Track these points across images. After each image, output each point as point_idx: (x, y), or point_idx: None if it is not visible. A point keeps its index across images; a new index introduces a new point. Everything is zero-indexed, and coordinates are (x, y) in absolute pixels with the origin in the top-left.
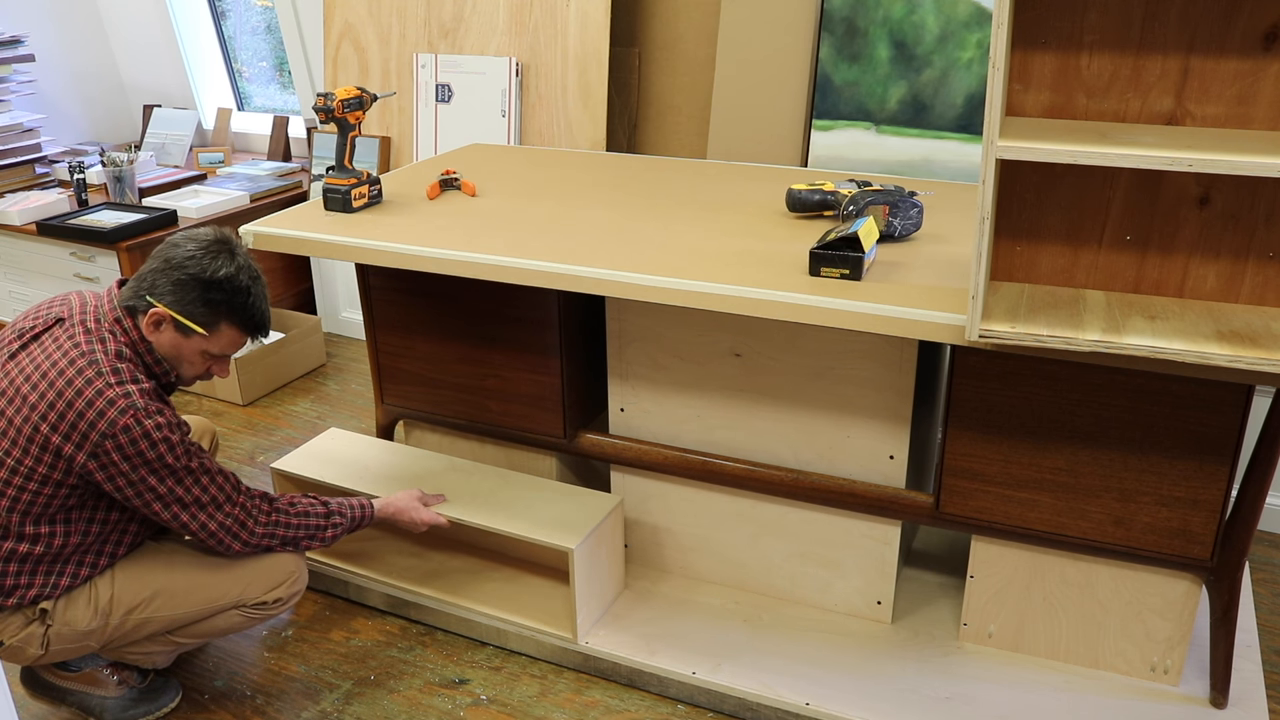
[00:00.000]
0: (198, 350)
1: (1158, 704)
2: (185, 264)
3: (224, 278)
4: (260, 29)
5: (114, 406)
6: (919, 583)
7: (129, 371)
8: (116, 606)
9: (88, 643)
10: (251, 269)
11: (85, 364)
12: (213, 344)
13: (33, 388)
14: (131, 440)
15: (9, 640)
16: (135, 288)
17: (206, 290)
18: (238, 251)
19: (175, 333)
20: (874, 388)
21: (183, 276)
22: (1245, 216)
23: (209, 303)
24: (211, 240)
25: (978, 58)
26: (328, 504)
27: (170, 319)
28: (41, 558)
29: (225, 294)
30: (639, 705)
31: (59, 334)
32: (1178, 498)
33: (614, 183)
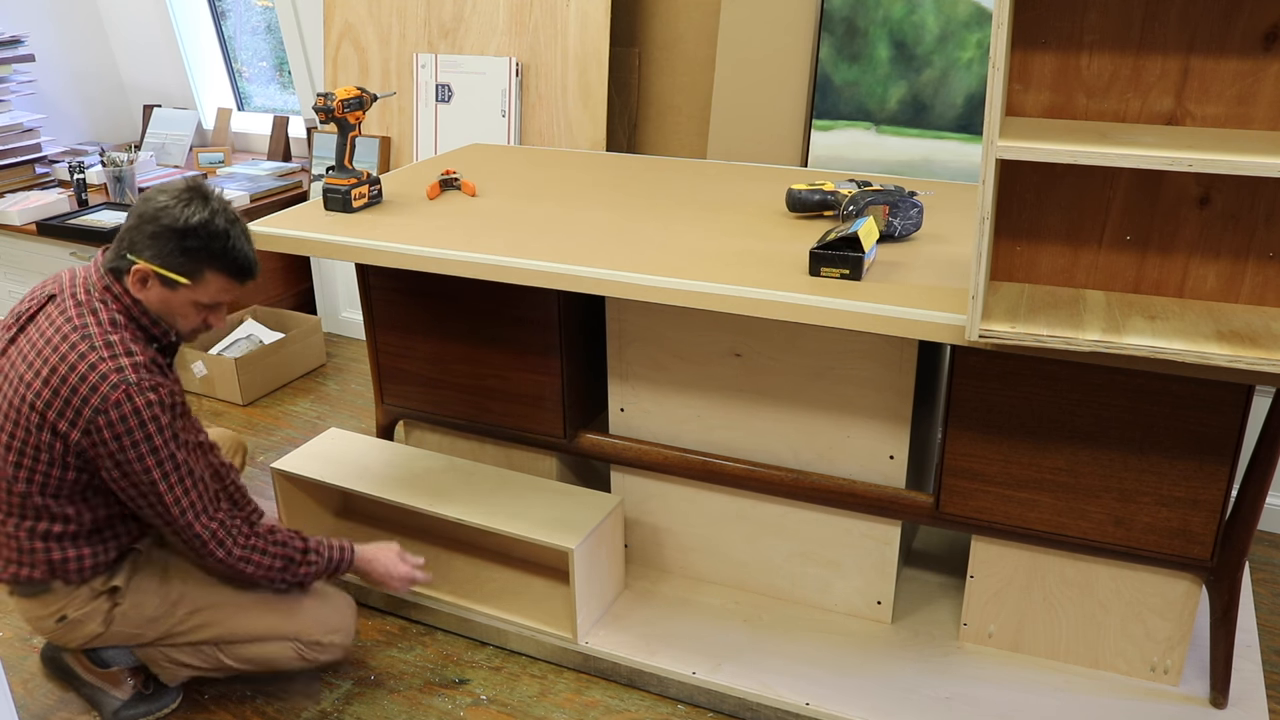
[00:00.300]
0: (188, 302)
1: (1158, 704)
2: (158, 215)
3: (198, 223)
4: (260, 29)
5: (106, 381)
6: (919, 583)
7: (122, 343)
8: (185, 602)
9: (146, 631)
10: (228, 212)
11: (78, 338)
12: (201, 293)
13: (29, 366)
14: (122, 417)
15: (73, 614)
16: (116, 249)
17: (183, 239)
18: (211, 196)
19: (162, 287)
20: (874, 388)
21: (157, 229)
22: (1245, 216)
23: (187, 251)
24: (183, 188)
25: (978, 58)
26: (306, 540)
27: (153, 274)
28: (79, 534)
29: (202, 239)
30: (639, 705)
31: (51, 311)
32: (1178, 498)
33: (614, 183)
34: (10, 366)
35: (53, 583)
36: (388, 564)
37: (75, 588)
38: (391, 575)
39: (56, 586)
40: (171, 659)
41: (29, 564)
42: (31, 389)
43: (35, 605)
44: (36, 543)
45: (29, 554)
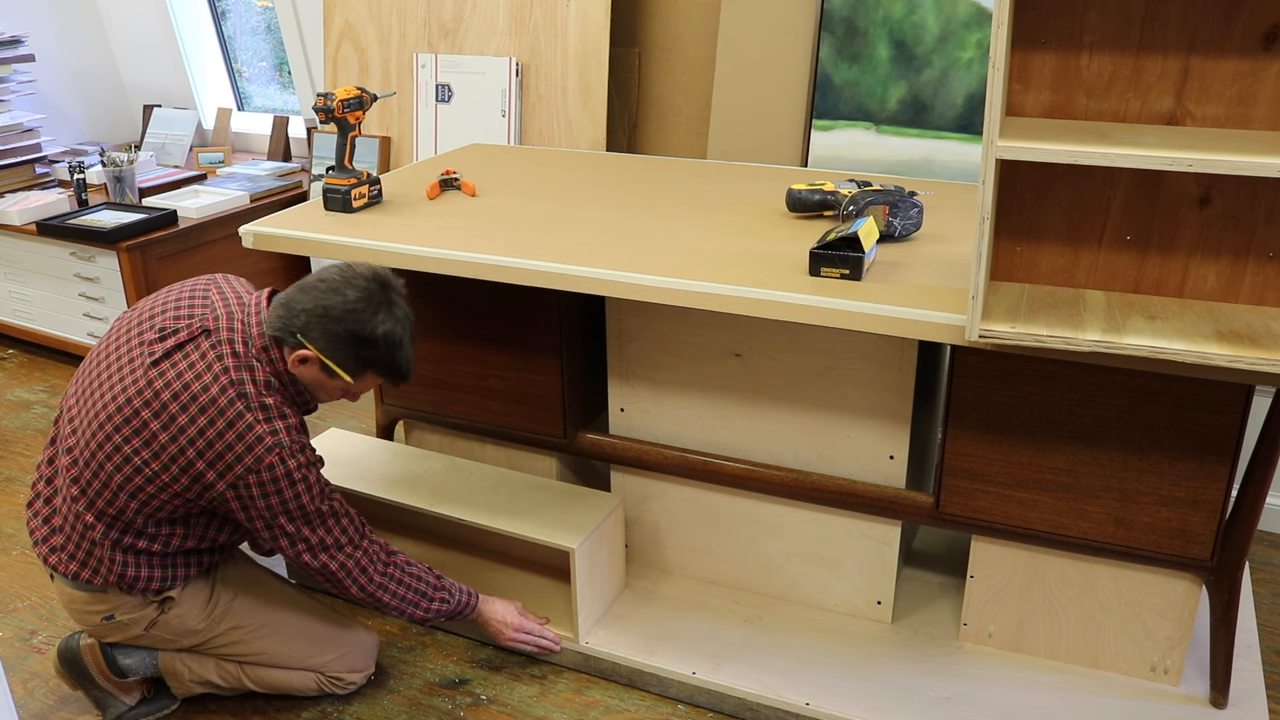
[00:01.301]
0: (339, 388)
1: (1158, 704)
2: (344, 318)
3: (382, 335)
4: (260, 29)
5: (261, 443)
6: (919, 583)
7: (277, 406)
8: (227, 618)
9: (182, 640)
10: (407, 317)
11: (235, 395)
12: (355, 386)
13: (182, 409)
14: (274, 479)
15: (120, 616)
16: (286, 321)
17: (362, 347)
18: (396, 301)
19: (320, 372)
20: (874, 388)
21: (341, 331)
22: (1245, 216)
23: (362, 358)
24: (373, 288)
25: (978, 58)
26: (441, 578)
27: (318, 360)
28: (159, 554)
29: (380, 351)
30: (639, 705)
31: (206, 350)
32: (1178, 498)
33: (614, 183)
34: (155, 395)
35: (110, 589)
36: (504, 614)
37: (130, 595)
38: (506, 624)
39: (112, 592)
40: (194, 675)
41: (96, 570)
42: (185, 434)
43: (85, 599)
44: (116, 554)
45: (101, 562)
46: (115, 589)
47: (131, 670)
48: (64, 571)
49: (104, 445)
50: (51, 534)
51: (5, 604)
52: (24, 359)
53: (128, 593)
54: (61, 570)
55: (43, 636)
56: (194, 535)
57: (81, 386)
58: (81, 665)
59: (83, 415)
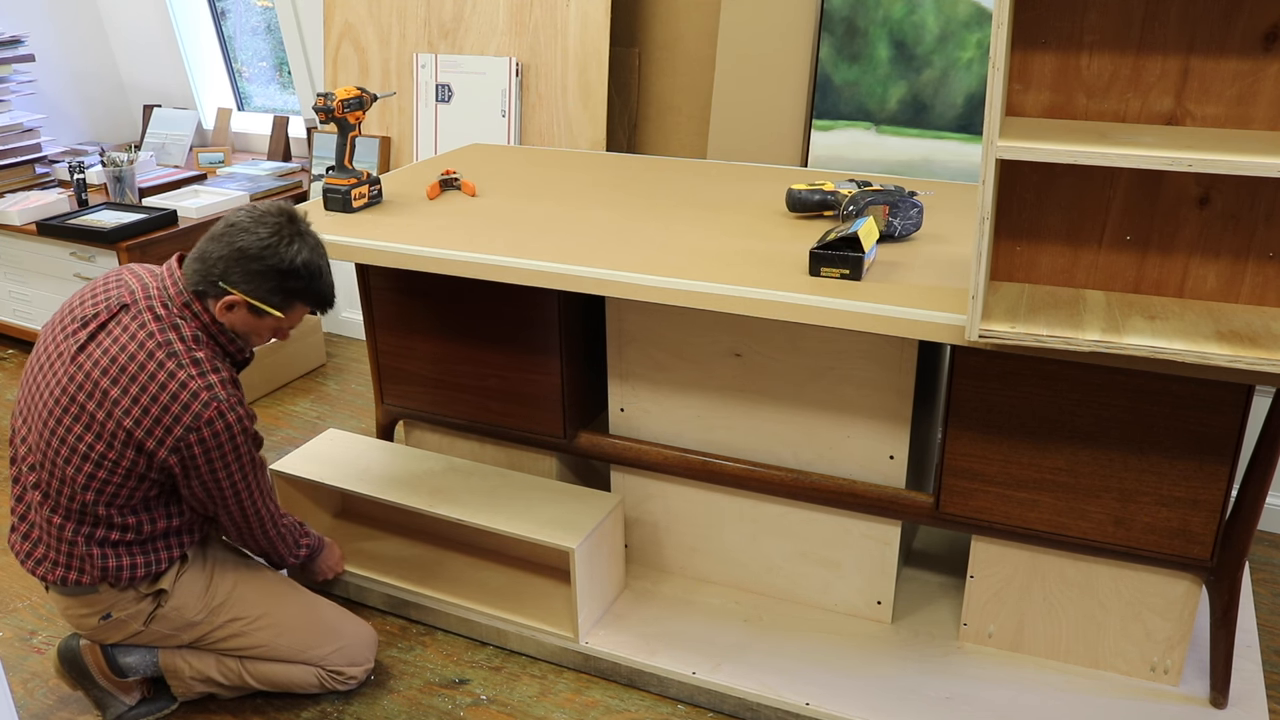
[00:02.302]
0: (269, 327)
1: (1158, 704)
2: (262, 254)
3: (302, 264)
4: (260, 29)
5: (197, 400)
6: (919, 583)
7: (209, 360)
8: (225, 610)
9: (181, 634)
10: (320, 244)
11: (164, 356)
12: (285, 321)
13: (113, 382)
14: (215, 434)
15: (117, 613)
16: (204, 272)
17: (285, 279)
18: (307, 230)
19: (248, 314)
20: (874, 388)
21: (260, 268)
22: (1245, 216)
23: (285, 290)
24: (281, 221)
25: (978, 58)
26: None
27: (244, 303)
28: (134, 541)
29: (304, 279)
30: (639, 705)
31: (128, 322)
32: (1178, 498)
33: (614, 183)
34: (85, 377)
35: (101, 586)
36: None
37: (122, 591)
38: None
39: (104, 589)
40: (195, 672)
41: (81, 569)
42: (120, 406)
43: (79, 604)
44: (93, 549)
45: (83, 560)
46: (105, 585)
47: (132, 669)
48: (53, 579)
49: (52, 443)
50: (33, 548)
51: (5, 604)
52: (24, 359)
53: (116, 586)
54: (51, 579)
55: (43, 636)
56: (161, 517)
57: (24, 398)
58: (82, 665)
59: (30, 424)
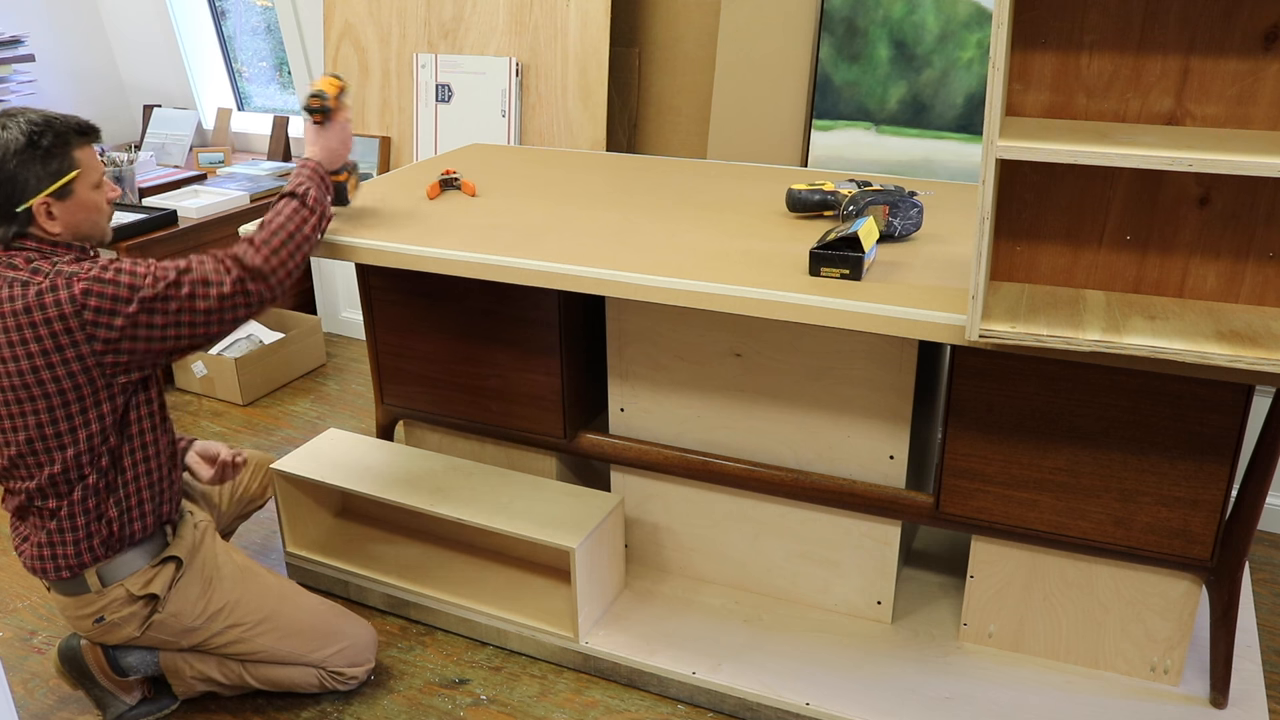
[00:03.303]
0: (86, 191)
1: (1158, 704)
2: (7, 149)
3: (28, 124)
4: (260, 29)
5: (56, 291)
6: (919, 583)
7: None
8: (224, 616)
9: (180, 640)
10: (20, 107)
11: (15, 292)
12: (87, 173)
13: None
14: (101, 293)
15: (110, 617)
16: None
17: (33, 147)
18: (10, 109)
19: (62, 202)
20: (874, 388)
21: (15, 161)
22: (1245, 216)
23: (49, 151)
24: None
25: (978, 58)
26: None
27: (49, 199)
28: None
29: (48, 132)
30: (639, 705)
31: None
32: (1178, 498)
33: (614, 183)
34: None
35: (87, 574)
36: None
37: (112, 589)
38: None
39: (94, 587)
40: (196, 672)
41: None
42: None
43: (74, 604)
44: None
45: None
46: (94, 577)
47: (133, 669)
48: (38, 572)
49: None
50: (18, 544)
51: (5, 604)
52: None
53: (104, 575)
54: (37, 572)
55: (43, 636)
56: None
57: None
58: (82, 664)
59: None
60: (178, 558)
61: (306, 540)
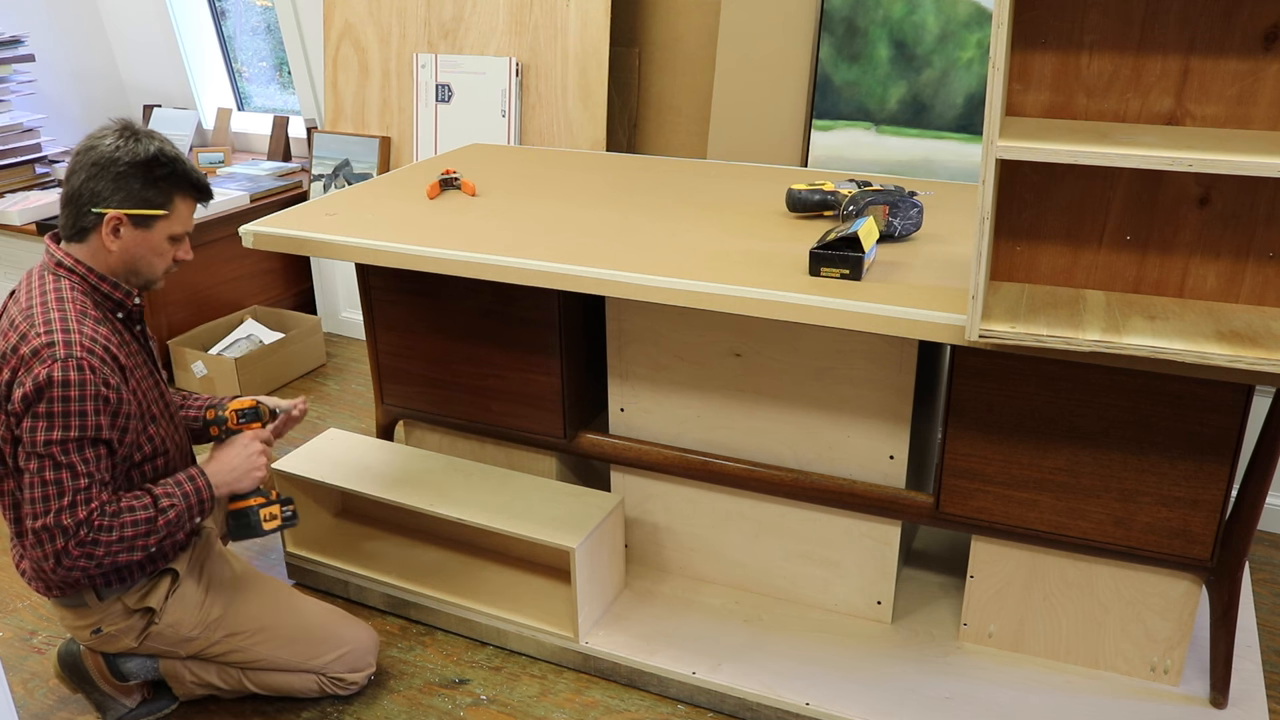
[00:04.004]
0: (163, 237)
1: (1158, 704)
2: (115, 156)
3: (157, 152)
4: (260, 29)
5: (37, 356)
6: (919, 583)
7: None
8: (222, 626)
9: (179, 649)
10: (168, 140)
11: (21, 320)
12: (175, 223)
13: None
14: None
15: (107, 628)
16: (74, 210)
17: (150, 170)
18: (148, 130)
19: (135, 229)
20: (874, 388)
21: (121, 169)
22: (1245, 216)
23: (157, 181)
24: (120, 128)
25: (978, 58)
26: (152, 491)
27: (126, 218)
28: None
29: (168, 166)
30: (639, 705)
31: (8, 305)
32: (1178, 498)
33: (614, 183)
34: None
35: (85, 595)
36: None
37: (111, 603)
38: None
39: (90, 601)
40: (196, 677)
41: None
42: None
43: (72, 615)
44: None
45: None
46: (90, 593)
47: (133, 674)
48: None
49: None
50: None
51: (5, 604)
52: None
53: (101, 595)
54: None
55: (43, 636)
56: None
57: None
58: (82, 669)
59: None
60: (174, 570)
61: (306, 540)
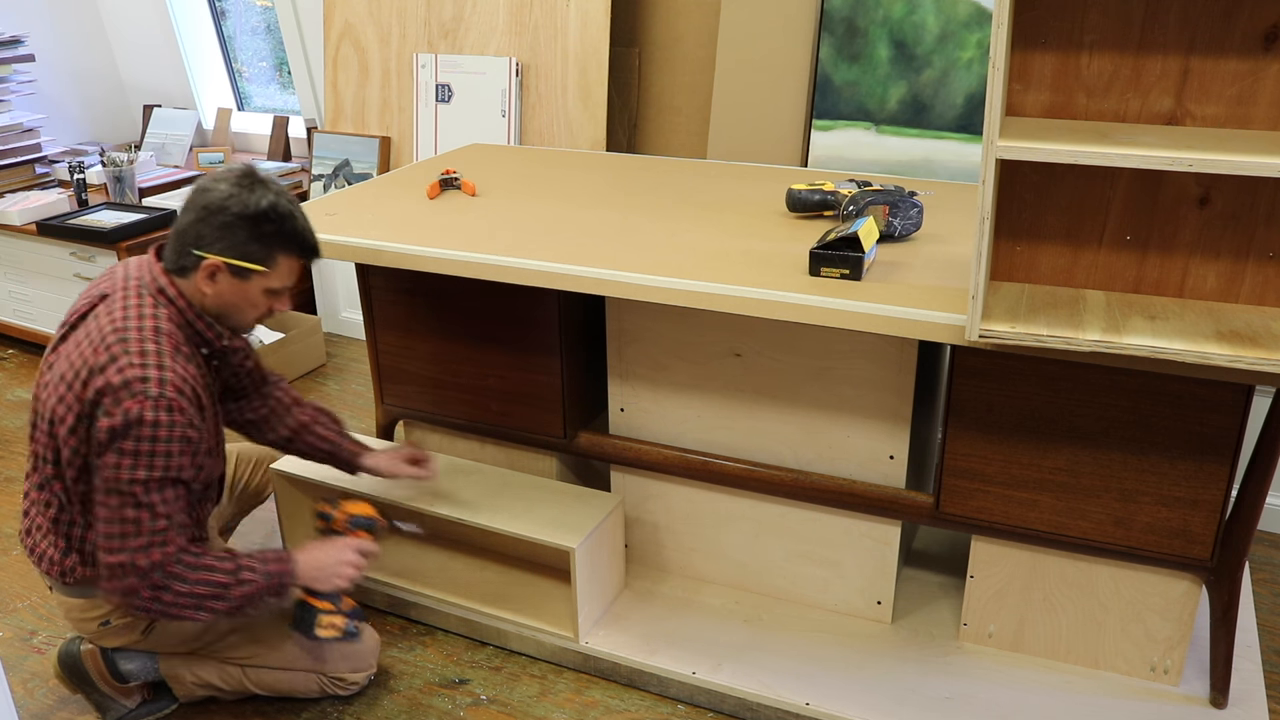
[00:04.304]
0: (260, 290)
1: (1158, 704)
2: (226, 204)
3: (268, 207)
4: (260, 29)
5: (128, 388)
6: (919, 583)
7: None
8: (223, 621)
9: (180, 647)
10: (285, 191)
11: (114, 340)
12: (273, 278)
13: (69, 365)
14: (127, 424)
15: (115, 620)
16: (178, 247)
17: (256, 225)
18: (269, 180)
19: (233, 279)
20: (874, 388)
21: (228, 219)
22: (1245, 216)
23: (262, 237)
24: (240, 175)
25: (978, 58)
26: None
27: (225, 266)
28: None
29: (275, 223)
30: (639, 705)
31: (100, 312)
32: (1178, 498)
33: (614, 183)
34: (55, 369)
35: (99, 589)
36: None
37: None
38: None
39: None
40: (196, 677)
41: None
42: (73, 391)
43: (80, 606)
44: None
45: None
46: (88, 588)
47: (133, 675)
48: (53, 575)
49: (49, 443)
50: (35, 544)
51: (5, 604)
52: (24, 359)
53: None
54: (51, 575)
55: (43, 636)
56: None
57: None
58: (82, 670)
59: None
60: None
61: (306, 540)
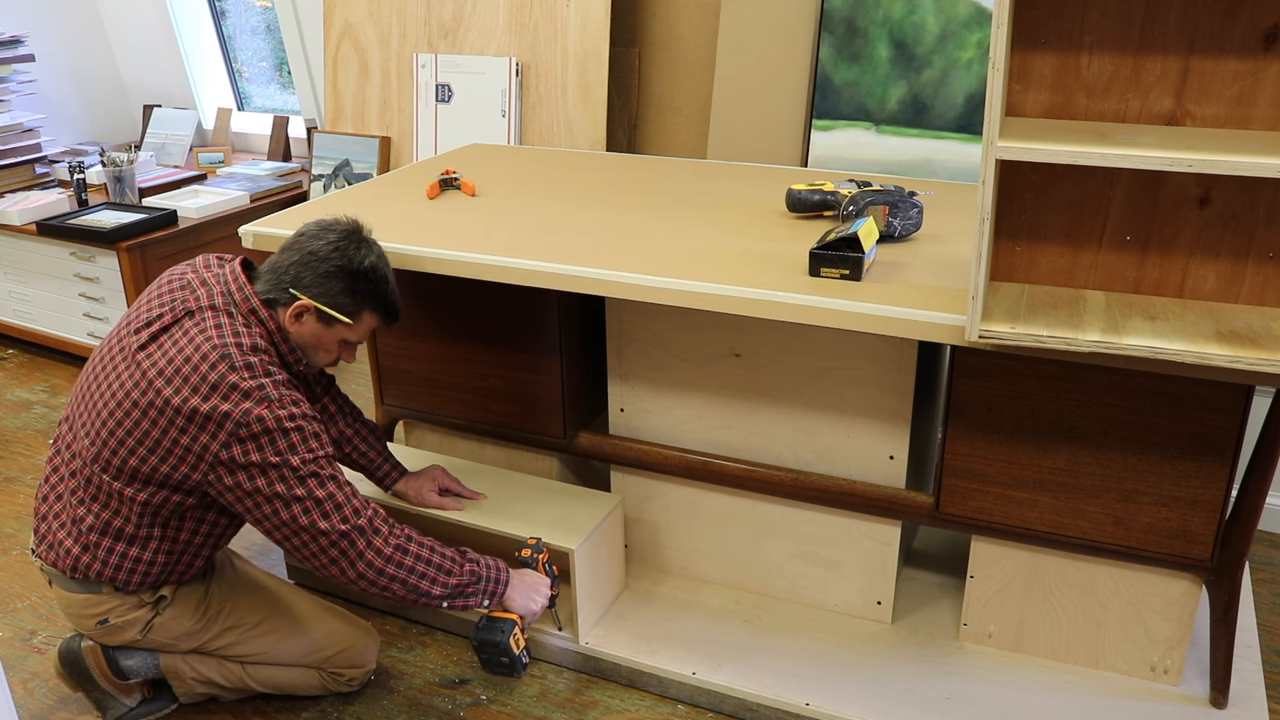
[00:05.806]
0: (337, 339)
1: (1158, 704)
2: (331, 256)
3: (369, 267)
4: (260, 29)
5: (249, 399)
6: (919, 583)
7: (262, 365)
8: (223, 618)
9: (179, 643)
10: (385, 255)
11: (218, 358)
12: (353, 332)
13: (167, 382)
14: (265, 430)
15: (114, 619)
16: (275, 280)
17: (354, 281)
18: (372, 241)
19: (317, 323)
20: (874, 388)
21: (330, 269)
22: (1245, 216)
23: (356, 293)
24: (349, 231)
25: (978, 58)
26: (464, 551)
27: (314, 310)
28: (154, 560)
29: (372, 283)
30: (639, 705)
31: (190, 328)
32: (1178, 498)
33: (614, 183)
34: (143, 376)
35: (104, 587)
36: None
37: (125, 595)
38: (531, 604)
39: (107, 591)
40: (197, 674)
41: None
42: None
43: (80, 602)
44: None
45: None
46: (110, 586)
47: (134, 672)
48: (61, 568)
49: (108, 442)
50: (48, 533)
51: (5, 604)
52: (24, 359)
53: (122, 591)
54: (59, 566)
55: (43, 636)
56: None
57: (81, 390)
58: (83, 667)
59: (83, 417)
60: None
61: None
